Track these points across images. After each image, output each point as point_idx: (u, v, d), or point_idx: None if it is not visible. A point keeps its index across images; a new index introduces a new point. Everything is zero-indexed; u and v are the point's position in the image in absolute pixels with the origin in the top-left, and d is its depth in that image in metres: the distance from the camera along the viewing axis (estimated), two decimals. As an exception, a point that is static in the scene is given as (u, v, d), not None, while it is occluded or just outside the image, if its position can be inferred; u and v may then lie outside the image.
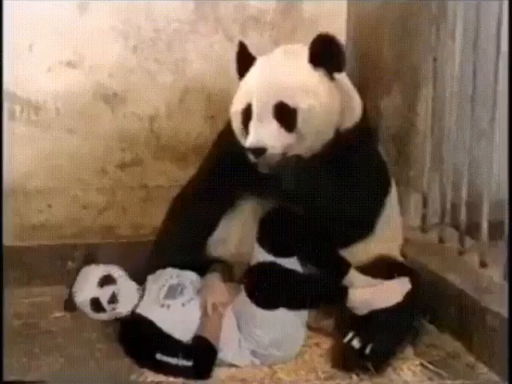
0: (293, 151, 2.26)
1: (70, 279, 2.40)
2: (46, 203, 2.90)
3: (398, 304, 2.27)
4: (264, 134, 2.21)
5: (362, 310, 2.26)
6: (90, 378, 2.21)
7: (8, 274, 2.53)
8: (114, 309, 2.33)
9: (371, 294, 2.27)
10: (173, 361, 2.19)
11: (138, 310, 2.32)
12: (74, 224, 2.91)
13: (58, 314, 2.56)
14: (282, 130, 2.23)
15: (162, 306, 2.32)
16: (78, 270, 2.41)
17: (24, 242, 2.83)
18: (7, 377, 2.07)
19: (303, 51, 2.28)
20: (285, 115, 2.22)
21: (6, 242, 2.63)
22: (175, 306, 2.32)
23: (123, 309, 2.34)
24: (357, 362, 2.21)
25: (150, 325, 2.27)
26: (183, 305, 2.32)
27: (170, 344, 2.24)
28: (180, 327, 2.28)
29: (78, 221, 2.91)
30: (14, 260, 2.70)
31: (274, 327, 2.26)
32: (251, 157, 2.23)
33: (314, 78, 2.25)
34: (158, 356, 2.20)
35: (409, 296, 2.28)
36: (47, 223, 2.90)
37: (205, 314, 2.30)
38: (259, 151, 2.21)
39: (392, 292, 2.28)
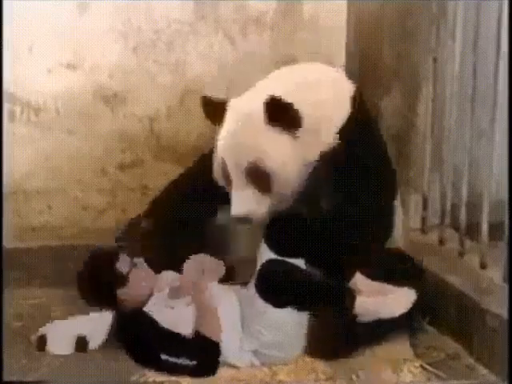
0: (280, 204, 2.32)
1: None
2: (46, 204, 2.90)
3: (402, 315, 2.29)
4: (245, 204, 2.29)
5: (366, 319, 2.27)
6: (89, 378, 2.21)
7: (8, 275, 2.52)
8: None
9: (378, 305, 2.29)
10: (177, 361, 2.20)
11: (145, 309, 2.33)
12: (74, 225, 2.91)
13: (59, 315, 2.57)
14: (260, 195, 2.30)
15: (166, 306, 2.32)
16: (80, 274, 2.42)
17: (24, 243, 2.82)
18: (7, 378, 2.08)
19: (260, 111, 2.28)
20: (258, 179, 2.28)
21: (6, 242, 2.65)
22: (179, 306, 2.32)
23: None
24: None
25: (154, 325, 2.27)
26: (187, 305, 2.32)
27: (174, 344, 2.24)
28: (184, 327, 2.27)
29: (78, 222, 2.92)
30: (14, 261, 2.70)
31: (277, 327, 2.26)
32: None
33: (274, 138, 2.28)
34: (163, 357, 2.21)
35: (413, 307, 2.31)
36: (47, 224, 2.90)
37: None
38: (244, 221, 2.31)
39: (398, 303, 2.30)
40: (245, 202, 2.29)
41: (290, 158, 2.28)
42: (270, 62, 2.87)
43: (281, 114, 2.25)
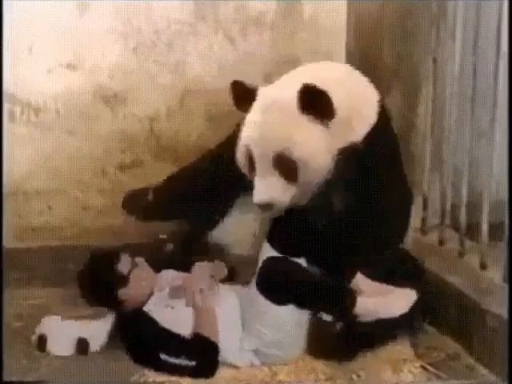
0: (303, 194, 2.29)
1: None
2: (46, 204, 2.90)
3: (402, 315, 2.30)
4: (268, 190, 2.25)
5: (366, 319, 2.28)
6: (90, 378, 2.22)
7: (8, 276, 2.53)
8: None
9: (378, 305, 2.29)
10: (176, 361, 2.21)
11: (145, 309, 2.34)
12: (74, 225, 2.92)
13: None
14: (285, 183, 2.26)
15: (166, 306, 2.33)
16: (80, 273, 2.42)
17: (24, 244, 2.83)
18: (7, 378, 2.08)
19: (293, 100, 2.25)
20: (285, 168, 2.25)
21: (6, 242, 2.65)
22: (179, 306, 2.33)
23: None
24: (328, 337, 2.25)
25: (153, 325, 2.28)
26: (187, 305, 2.33)
27: (173, 344, 2.25)
28: (183, 327, 2.28)
29: (78, 222, 2.92)
30: (14, 261, 2.70)
31: (277, 327, 2.27)
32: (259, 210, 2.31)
33: (306, 127, 2.25)
34: (163, 356, 2.22)
35: (414, 307, 2.31)
36: (47, 224, 2.90)
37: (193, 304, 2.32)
38: (266, 207, 2.27)
39: (398, 304, 2.31)
40: (268, 188, 2.25)
41: (319, 148, 2.25)
42: (270, 62, 2.87)
43: (315, 101, 2.21)
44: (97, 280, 2.36)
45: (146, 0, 2.83)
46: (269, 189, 2.25)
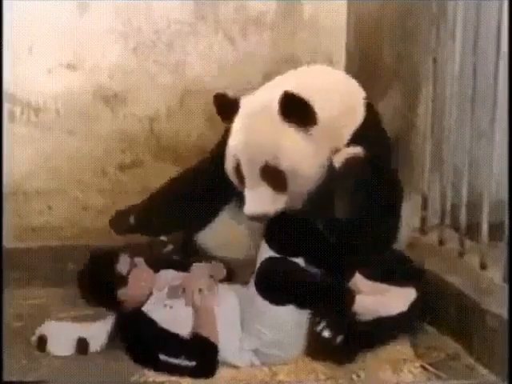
0: (295, 202, 2.30)
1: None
2: (46, 204, 2.91)
3: (401, 313, 2.30)
4: (259, 203, 2.27)
5: (366, 317, 2.28)
6: (90, 378, 2.22)
7: (8, 276, 2.53)
8: None
9: (377, 303, 2.29)
10: (176, 361, 2.21)
11: (143, 309, 2.34)
12: (74, 225, 2.92)
13: (60, 315, 2.56)
14: (275, 193, 2.28)
15: (165, 306, 2.33)
16: (80, 273, 2.42)
17: (24, 244, 2.83)
18: (7, 378, 2.08)
19: (275, 108, 2.26)
20: (273, 178, 2.26)
21: (6, 242, 2.65)
22: (178, 306, 2.33)
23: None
24: (326, 351, 2.25)
25: (153, 325, 2.28)
26: (186, 305, 2.33)
27: (172, 344, 2.25)
28: (182, 327, 2.28)
29: (78, 222, 2.92)
30: (14, 261, 2.70)
31: (277, 326, 2.27)
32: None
33: (289, 135, 2.26)
34: (162, 357, 2.21)
35: (413, 306, 2.31)
36: (47, 224, 2.91)
37: (193, 304, 2.32)
38: (257, 219, 2.29)
39: (397, 301, 2.31)
40: (259, 200, 2.27)
41: (306, 156, 2.26)
42: (270, 62, 2.88)
43: (295, 109, 2.22)
44: (96, 280, 2.36)
45: (145, 0, 2.83)
46: (259, 201, 2.27)
